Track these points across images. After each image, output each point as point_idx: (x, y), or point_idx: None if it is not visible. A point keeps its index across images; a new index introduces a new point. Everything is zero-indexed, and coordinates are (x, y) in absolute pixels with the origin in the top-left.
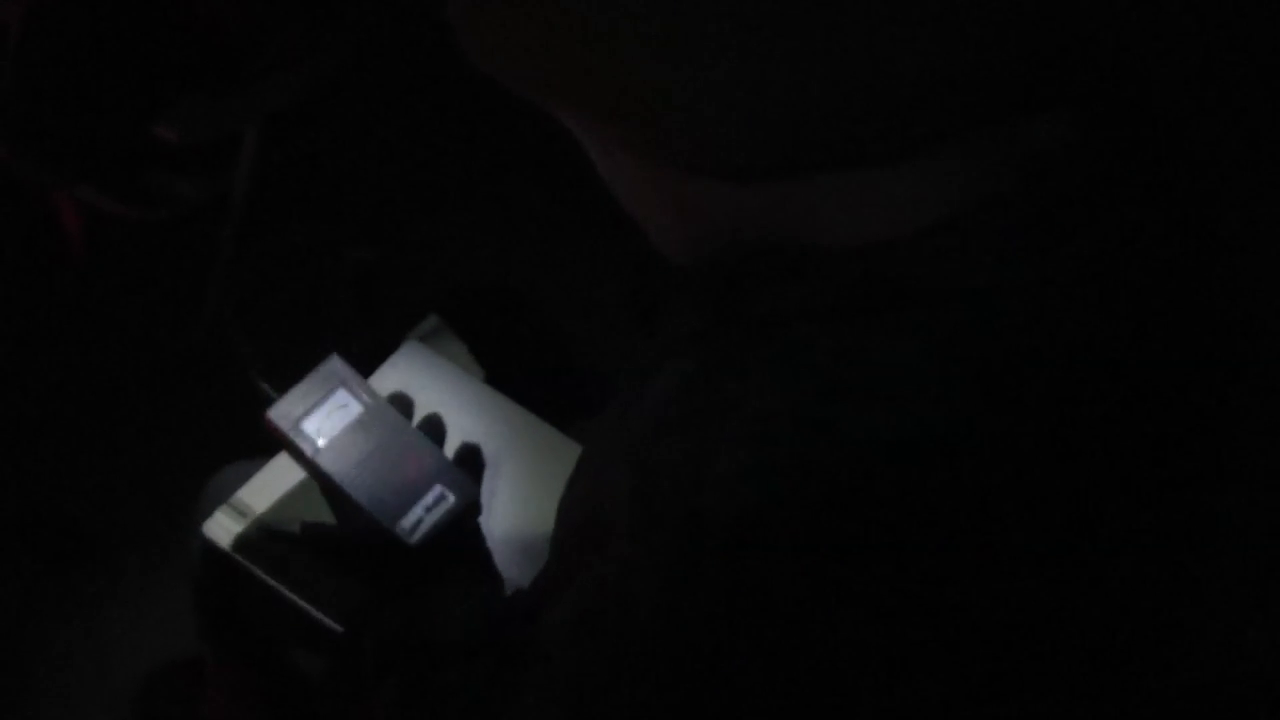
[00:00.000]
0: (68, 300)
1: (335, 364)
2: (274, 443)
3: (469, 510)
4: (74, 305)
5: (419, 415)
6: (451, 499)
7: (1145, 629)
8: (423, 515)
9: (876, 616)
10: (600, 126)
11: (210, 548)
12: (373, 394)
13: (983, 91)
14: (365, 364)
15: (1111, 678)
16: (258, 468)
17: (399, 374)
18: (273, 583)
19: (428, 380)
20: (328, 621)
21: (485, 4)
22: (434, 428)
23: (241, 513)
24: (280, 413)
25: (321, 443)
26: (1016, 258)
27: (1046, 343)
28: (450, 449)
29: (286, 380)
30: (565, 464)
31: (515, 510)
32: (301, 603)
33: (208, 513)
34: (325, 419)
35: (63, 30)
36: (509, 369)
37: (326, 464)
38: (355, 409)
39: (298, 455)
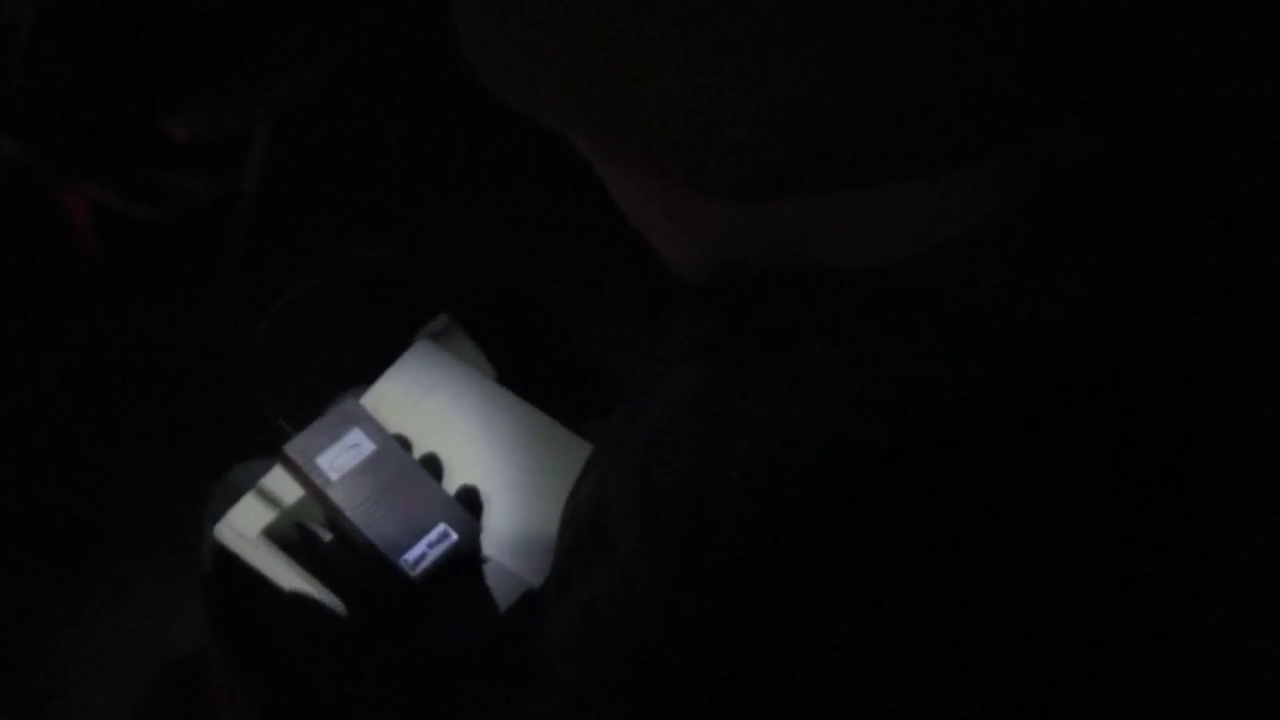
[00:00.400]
0: (77, 298)
1: (350, 404)
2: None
3: (470, 547)
4: (83, 303)
5: (423, 423)
6: (454, 537)
7: (1149, 631)
8: (426, 551)
9: (884, 628)
10: (617, 149)
11: (221, 549)
12: (384, 434)
13: (1001, 107)
14: (376, 363)
15: (1114, 679)
16: (268, 466)
17: (410, 373)
18: (286, 574)
19: (439, 379)
20: (341, 611)
21: (493, 24)
22: (432, 466)
23: (271, 501)
24: (296, 448)
25: (333, 478)
26: (1031, 271)
27: (1056, 354)
28: (459, 448)
29: (300, 404)
30: (576, 463)
31: (526, 509)
32: (315, 593)
33: (218, 512)
34: (338, 456)
35: (72, 28)
36: (520, 368)
37: (337, 498)
38: (367, 448)
39: (311, 488)
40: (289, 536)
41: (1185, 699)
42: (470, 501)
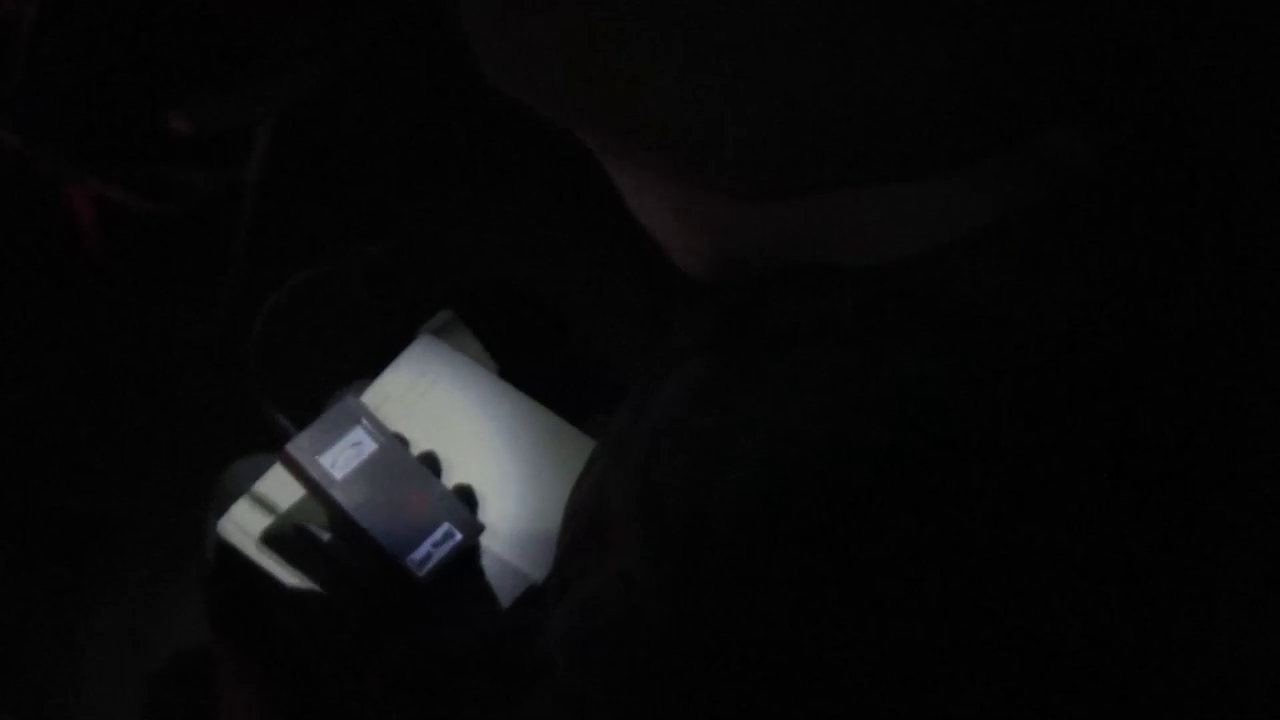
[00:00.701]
0: (78, 296)
1: (350, 402)
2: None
3: (473, 545)
4: (84, 301)
5: (426, 417)
6: (458, 536)
7: (1149, 631)
8: (431, 551)
9: (884, 628)
10: (619, 147)
11: (225, 545)
12: (386, 432)
13: (1001, 108)
14: (378, 358)
15: (1114, 678)
16: (269, 462)
17: (413, 368)
18: (288, 571)
19: (442, 374)
20: (344, 609)
21: (494, 23)
22: (431, 464)
23: (266, 506)
24: (298, 447)
25: (337, 477)
26: (1031, 272)
27: (1056, 355)
28: (462, 443)
29: (300, 399)
30: (579, 458)
31: (529, 504)
32: (318, 590)
33: (221, 508)
34: (340, 455)
35: (76, 22)
36: (522, 364)
37: (342, 499)
38: (369, 447)
39: (314, 489)
40: (288, 540)
41: (1185, 699)
42: (465, 500)
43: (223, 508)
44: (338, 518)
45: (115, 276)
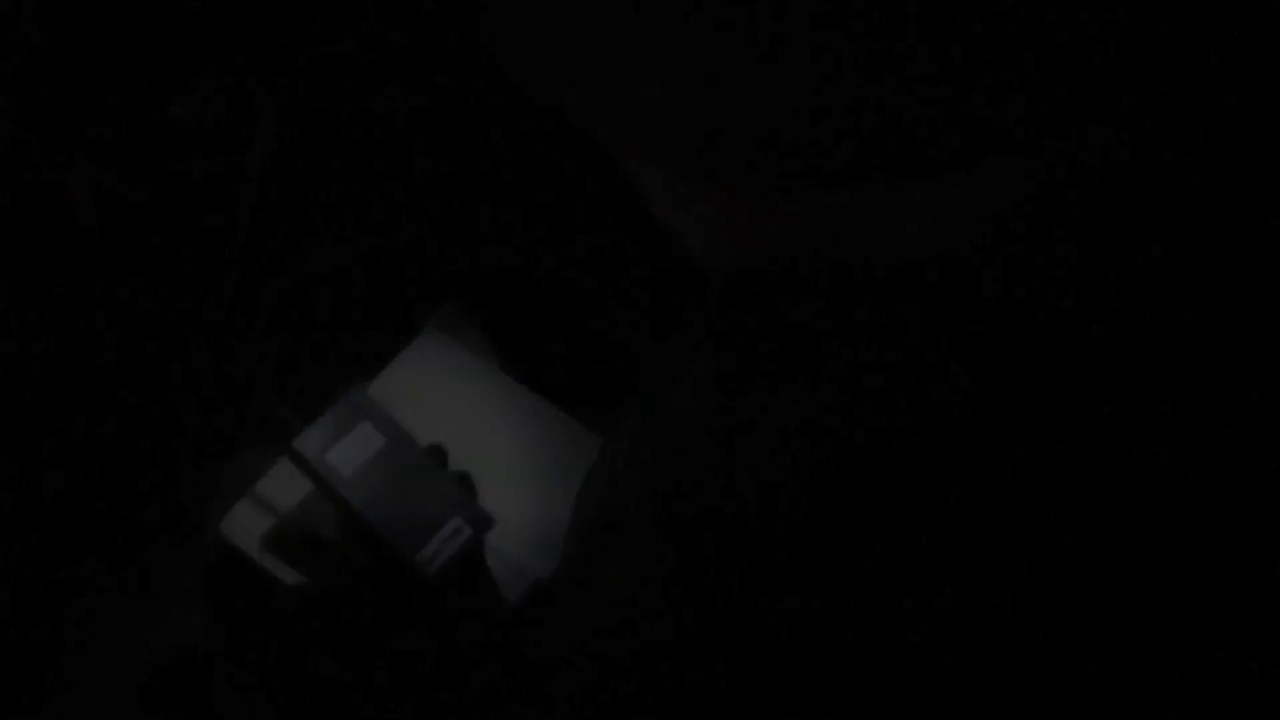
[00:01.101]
0: (77, 286)
1: (359, 395)
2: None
3: (481, 541)
4: (84, 290)
5: (430, 412)
6: (468, 532)
7: (1149, 630)
8: (440, 548)
9: (888, 629)
10: (629, 144)
11: (227, 545)
12: (394, 426)
13: (1015, 107)
14: (383, 352)
15: (1113, 677)
16: (271, 457)
17: (417, 362)
18: (295, 577)
19: (447, 369)
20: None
21: (513, 21)
22: (438, 457)
23: (269, 504)
24: (306, 442)
25: (346, 474)
26: (1037, 272)
27: (1061, 356)
28: (466, 438)
29: (303, 394)
30: (584, 455)
31: (534, 501)
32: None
33: (222, 506)
34: (349, 450)
35: (76, 9)
36: (528, 359)
37: (350, 495)
38: (378, 441)
39: (322, 485)
40: (291, 538)
41: (1185, 697)
42: (465, 488)
43: (224, 505)
44: (345, 515)
45: (114, 268)
